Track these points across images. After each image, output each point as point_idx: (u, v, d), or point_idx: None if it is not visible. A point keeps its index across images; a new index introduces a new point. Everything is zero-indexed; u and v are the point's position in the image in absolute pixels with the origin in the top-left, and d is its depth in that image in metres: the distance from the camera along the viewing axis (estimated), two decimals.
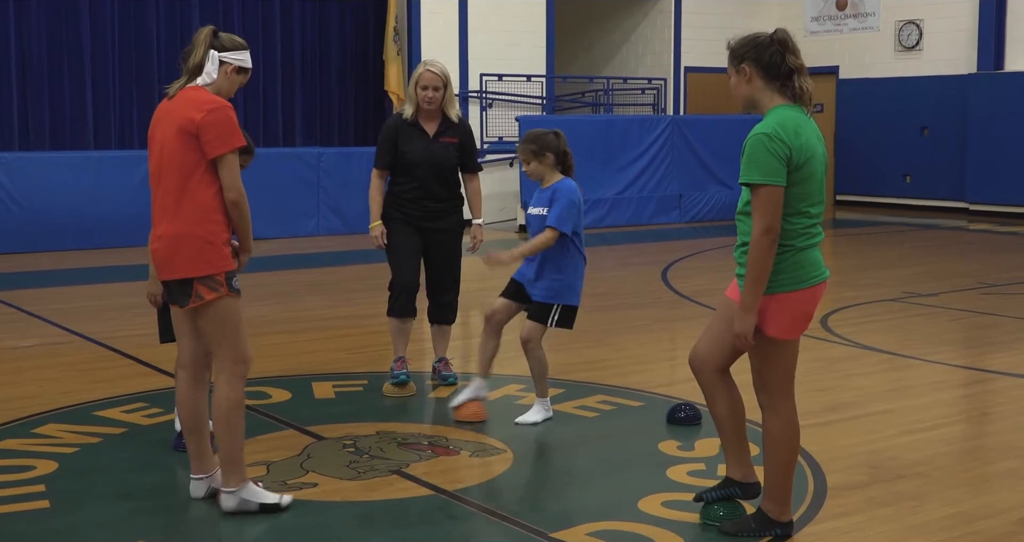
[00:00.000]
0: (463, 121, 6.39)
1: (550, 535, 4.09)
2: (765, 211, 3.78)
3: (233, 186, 4.24)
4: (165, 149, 4.27)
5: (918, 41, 18.65)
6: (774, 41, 3.91)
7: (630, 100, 19.26)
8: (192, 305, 4.26)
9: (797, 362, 4.07)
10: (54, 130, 15.08)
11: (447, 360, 6.56)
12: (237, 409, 4.32)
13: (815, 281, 3.92)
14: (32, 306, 9.33)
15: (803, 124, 3.89)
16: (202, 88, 4.35)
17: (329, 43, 17.00)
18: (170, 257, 4.26)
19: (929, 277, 11.16)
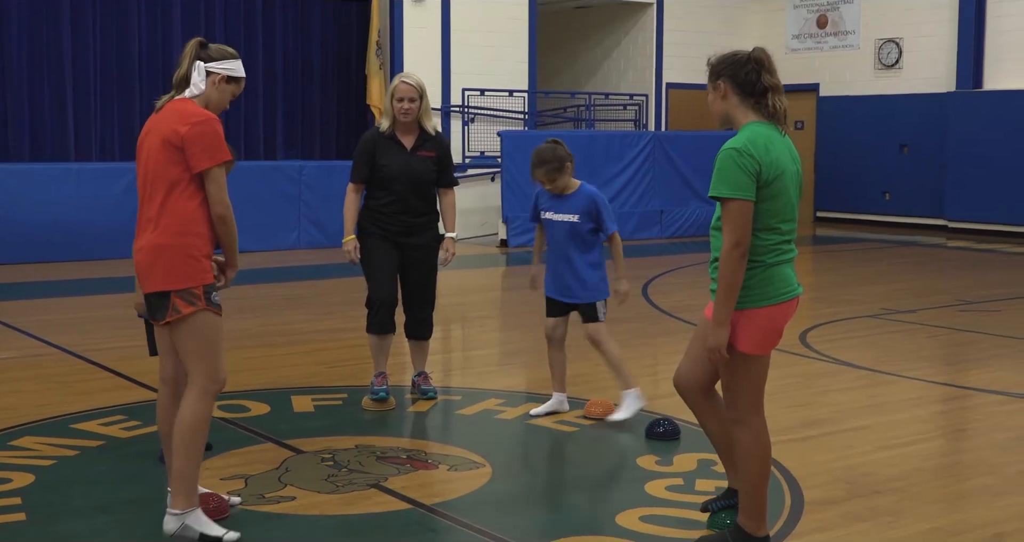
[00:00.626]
0: (440, 135, 6.38)
1: None
2: (734, 225, 3.82)
3: (220, 200, 4.19)
4: (150, 161, 4.22)
5: (898, 59, 18.79)
6: (751, 59, 3.97)
7: (612, 116, 19.33)
8: (168, 319, 4.17)
9: (768, 377, 4.09)
10: (34, 142, 15.03)
11: (427, 374, 6.56)
12: (200, 430, 4.18)
13: (785, 297, 3.95)
14: (10, 318, 9.29)
15: (774, 141, 3.94)
16: (189, 100, 4.29)
17: (311, 56, 17.01)
18: (149, 269, 4.19)
19: (907, 294, 11.22)
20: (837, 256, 15.34)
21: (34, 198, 13.16)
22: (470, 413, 6.24)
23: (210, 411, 4.24)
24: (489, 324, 9.91)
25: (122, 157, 15.30)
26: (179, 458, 4.16)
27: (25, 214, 13.07)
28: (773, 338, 3.99)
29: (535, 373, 7.56)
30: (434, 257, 6.38)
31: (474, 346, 8.88)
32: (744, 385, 4.01)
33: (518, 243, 15.55)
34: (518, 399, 6.58)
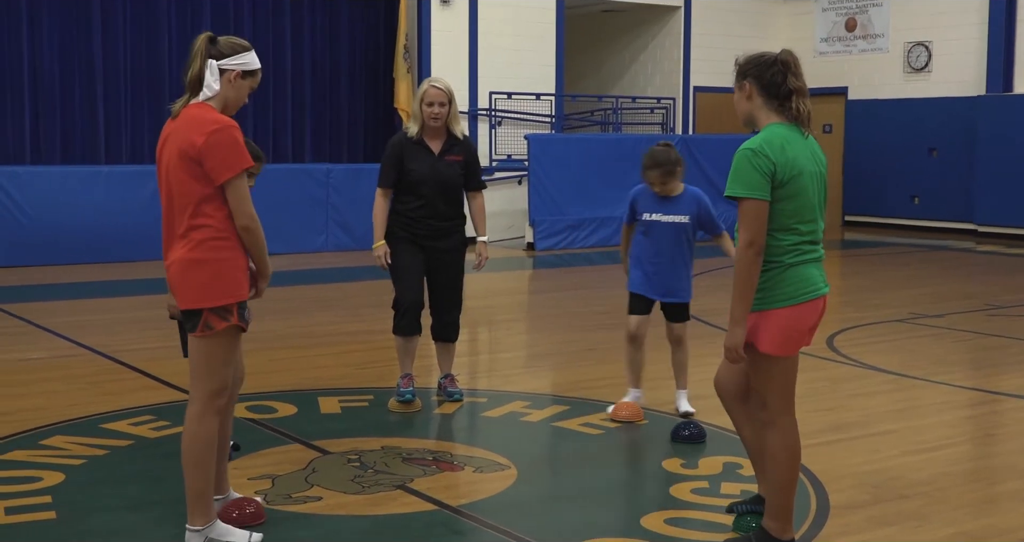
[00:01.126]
0: (467, 139, 6.40)
1: None
2: (748, 224, 3.86)
3: (243, 212, 3.99)
4: (171, 175, 4.04)
5: (927, 63, 18.70)
6: (777, 61, 4.00)
7: (639, 119, 19.32)
8: (200, 334, 4.04)
9: (796, 380, 4.08)
10: (65, 144, 15.16)
11: (453, 376, 6.58)
12: (210, 445, 4.08)
13: (806, 297, 3.94)
14: (41, 319, 9.38)
15: (793, 142, 3.95)
16: (205, 105, 4.09)
17: (339, 60, 17.08)
18: (181, 285, 4.03)
19: (936, 298, 11.16)
20: (865, 260, 15.27)
21: (64, 200, 13.28)
22: (496, 415, 6.26)
23: (216, 425, 4.12)
24: (516, 327, 9.93)
25: (152, 160, 15.29)
26: (193, 477, 4.06)
27: (56, 216, 13.19)
28: (796, 339, 3.97)
29: (561, 376, 7.58)
30: (461, 260, 6.39)
31: (500, 349, 8.90)
32: (771, 387, 4.02)
33: (545, 246, 15.56)
34: (544, 402, 6.59)
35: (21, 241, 13.01)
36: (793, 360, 4.04)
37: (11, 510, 4.54)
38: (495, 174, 16.74)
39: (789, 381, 4.04)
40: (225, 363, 4.10)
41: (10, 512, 4.52)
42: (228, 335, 4.07)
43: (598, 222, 16.10)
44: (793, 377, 4.06)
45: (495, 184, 16.72)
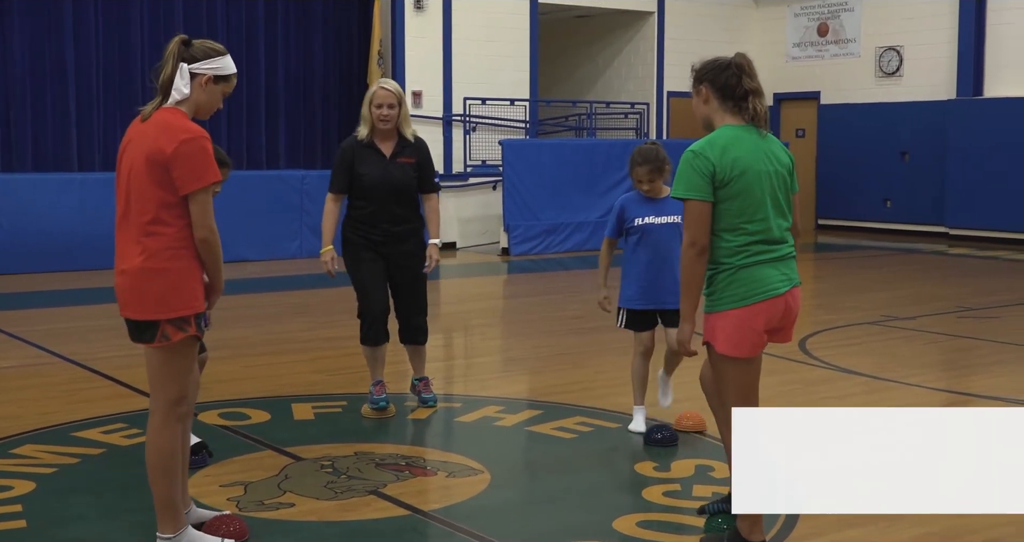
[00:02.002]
0: (420, 140, 6.30)
1: None
2: (690, 224, 3.99)
3: (203, 224, 3.93)
4: (133, 179, 3.99)
5: (898, 67, 18.83)
6: (732, 64, 4.13)
7: (613, 124, 19.38)
8: (157, 345, 3.97)
9: (768, 384, 4.12)
10: (37, 152, 15.06)
11: (428, 380, 6.55)
12: (174, 454, 4.04)
13: (758, 298, 3.99)
14: (12, 327, 9.32)
15: (740, 142, 4.03)
16: (178, 110, 4.03)
17: (313, 66, 17.06)
18: (137, 294, 3.96)
19: (908, 301, 11.24)
20: (838, 263, 15.36)
21: (37, 208, 13.21)
22: (470, 420, 6.27)
23: (179, 433, 4.08)
24: (490, 332, 9.94)
25: None
26: (161, 486, 4.02)
27: (28, 224, 13.11)
28: (750, 339, 4.01)
29: (535, 380, 7.60)
30: (421, 263, 6.28)
31: (475, 354, 8.90)
32: (729, 387, 4.09)
33: (519, 251, 15.58)
34: (518, 406, 6.60)
35: None
36: (751, 361, 4.08)
37: None
38: (469, 180, 16.75)
39: (748, 382, 4.09)
40: (184, 372, 4.05)
41: None
42: (186, 345, 4.02)
43: (573, 227, 16.14)
44: (752, 378, 4.11)
45: (470, 189, 16.74)
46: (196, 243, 3.97)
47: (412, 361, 6.55)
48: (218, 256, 4.03)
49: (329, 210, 6.24)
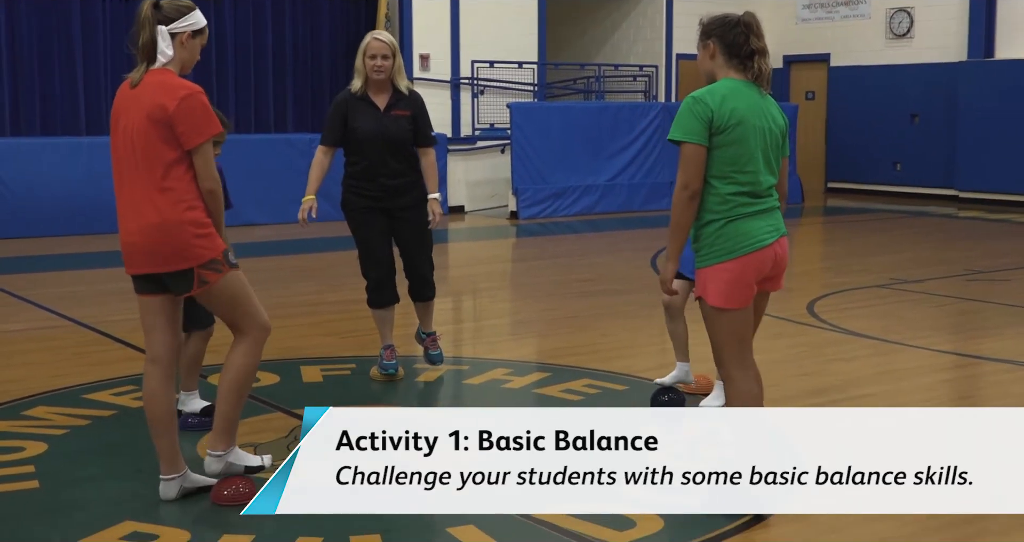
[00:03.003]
0: (414, 93, 6.21)
1: (534, 516, 4.14)
2: (685, 167, 4.10)
3: (209, 175, 4.14)
4: (137, 141, 4.13)
5: (909, 29, 18.70)
6: (740, 22, 4.21)
7: (622, 87, 19.30)
8: (197, 291, 4.19)
9: (751, 330, 4.23)
10: (45, 116, 15.07)
11: (436, 336, 6.46)
12: (252, 377, 4.37)
13: (746, 250, 4.11)
14: (23, 290, 9.37)
15: (739, 94, 4.14)
16: (167, 70, 4.19)
17: (320, 30, 17.00)
18: (158, 249, 4.13)
19: (916, 264, 11.23)
20: (847, 226, 15.33)
21: (45, 172, 13.23)
22: (478, 382, 6.29)
23: (260, 358, 4.37)
24: (499, 295, 9.96)
25: None
26: (231, 404, 4.30)
27: (37, 188, 13.14)
28: (741, 291, 4.12)
29: (544, 343, 7.62)
30: (423, 216, 6.20)
31: (483, 316, 8.92)
32: (722, 339, 4.18)
33: (528, 215, 15.57)
34: (526, 369, 6.63)
35: (2, 213, 12.96)
36: (743, 312, 4.17)
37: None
38: (478, 143, 16.71)
39: (738, 333, 4.18)
40: (249, 300, 4.29)
41: None
42: (234, 279, 4.24)
43: (581, 190, 16.11)
44: (745, 330, 4.20)
45: (478, 153, 16.70)
46: (202, 194, 4.16)
47: (419, 315, 6.45)
48: (222, 206, 4.26)
49: (317, 161, 6.17)
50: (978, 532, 4.11)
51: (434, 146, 6.28)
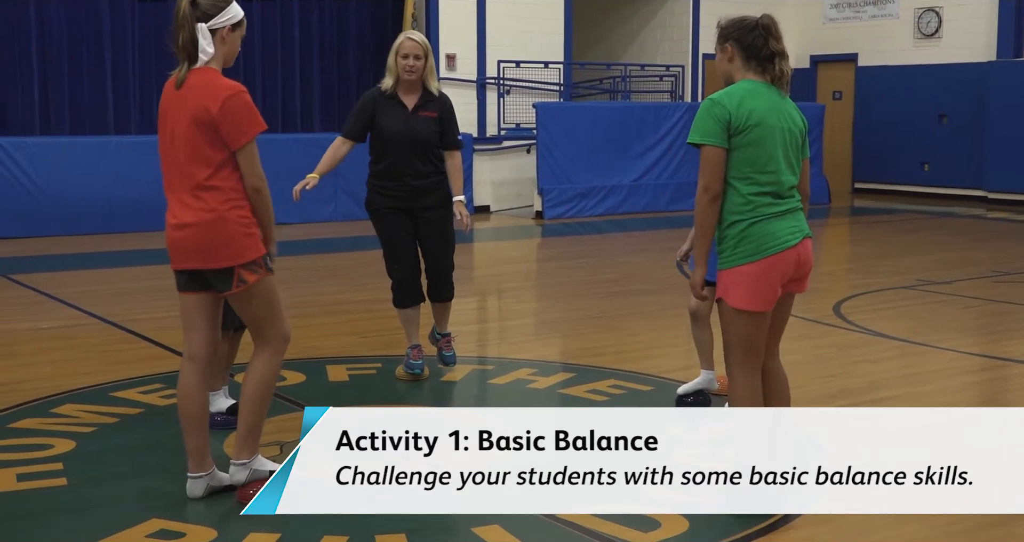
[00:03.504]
0: (443, 95, 6.22)
1: (558, 516, 4.14)
2: (705, 169, 4.12)
3: (254, 173, 4.17)
4: (180, 143, 4.17)
5: (937, 28, 18.59)
6: (759, 25, 4.23)
7: (648, 87, 19.26)
8: (235, 291, 4.21)
9: (765, 337, 4.23)
10: (74, 115, 15.18)
11: (451, 337, 6.47)
12: (273, 386, 4.39)
13: (769, 252, 4.11)
14: (51, 288, 9.43)
15: (757, 96, 4.15)
16: (210, 69, 4.19)
17: (347, 29, 17.04)
18: (202, 245, 4.17)
19: (944, 265, 11.16)
20: (873, 227, 15.25)
21: (73, 171, 13.32)
22: (503, 382, 6.30)
23: (280, 367, 4.40)
24: (524, 295, 9.96)
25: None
26: (253, 414, 4.33)
27: (65, 187, 13.24)
28: (764, 293, 4.13)
29: (569, 343, 7.62)
30: (446, 217, 6.23)
31: (508, 316, 8.93)
32: (736, 340, 4.19)
33: (553, 215, 15.56)
34: (551, 369, 6.63)
35: (30, 212, 13.06)
36: (762, 317, 4.18)
37: (23, 477, 4.61)
38: (503, 143, 16.72)
39: (755, 336, 4.19)
40: (278, 308, 4.31)
41: (22, 479, 4.59)
42: (268, 284, 4.27)
43: (607, 190, 16.10)
44: (760, 334, 4.20)
45: (503, 153, 16.71)
46: (248, 192, 4.19)
47: (436, 316, 6.45)
48: (270, 205, 4.25)
49: (333, 147, 6.16)
50: (1005, 535, 4.09)
51: (460, 149, 6.30)
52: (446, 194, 6.22)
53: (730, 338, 4.21)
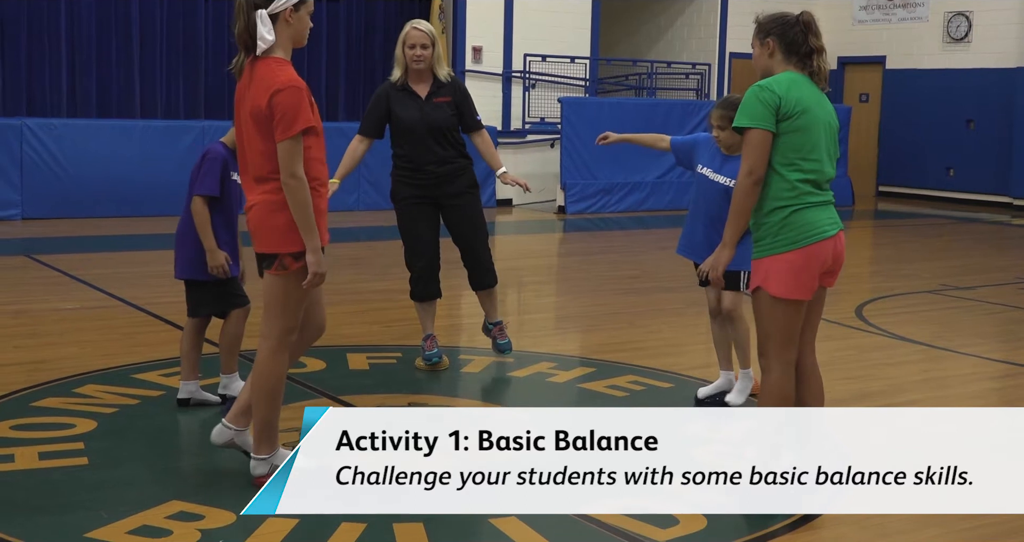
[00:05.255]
0: (455, 79, 6.23)
1: (579, 511, 4.14)
2: (750, 153, 4.12)
3: (287, 169, 4.07)
4: (246, 133, 4.18)
5: (967, 33, 18.48)
6: (800, 22, 4.26)
7: (674, 84, 19.22)
8: (275, 272, 4.19)
9: (825, 349, 4.16)
10: (101, 99, 15.24)
11: (502, 325, 6.44)
12: (282, 380, 4.32)
13: (811, 240, 4.12)
14: (76, 270, 9.48)
15: (802, 85, 4.19)
16: (270, 59, 4.14)
17: (374, 20, 17.06)
18: (257, 231, 4.19)
19: (967, 270, 11.11)
20: (898, 231, 15.19)
21: (100, 154, 13.36)
22: (523, 375, 6.30)
23: (287, 361, 4.33)
24: (544, 289, 9.96)
25: (187, 115, 15.49)
26: (267, 410, 4.28)
27: (91, 169, 13.28)
28: (805, 281, 4.13)
29: (589, 338, 7.62)
30: (474, 202, 6.23)
31: (528, 310, 8.93)
32: (773, 330, 4.18)
33: (576, 210, 15.55)
34: (571, 363, 6.63)
35: (56, 193, 13.12)
36: (800, 306, 4.17)
37: (45, 455, 4.64)
38: (528, 137, 16.71)
39: (790, 326, 4.18)
40: (299, 302, 4.26)
41: (44, 457, 4.62)
42: (301, 275, 4.21)
43: (630, 187, 16.07)
44: (797, 324, 4.20)
45: (528, 147, 16.71)
46: (283, 186, 4.10)
47: (484, 305, 6.42)
48: (299, 203, 4.11)
49: (351, 148, 6.17)
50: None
51: (483, 128, 6.27)
52: (471, 180, 6.23)
53: (768, 329, 4.20)
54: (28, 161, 13.03)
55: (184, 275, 5.37)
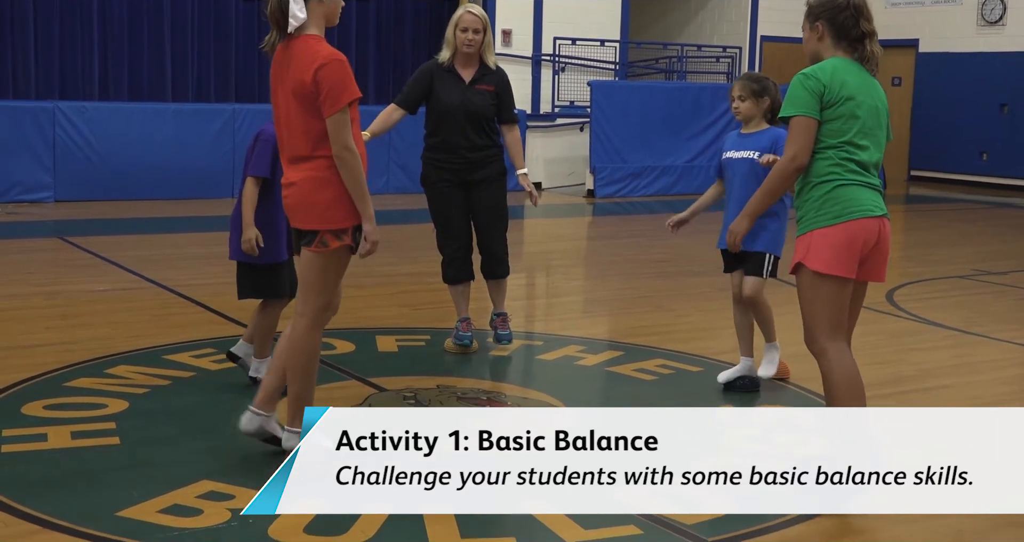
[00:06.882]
0: (500, 70, 6.24)
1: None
2: (795, 138, 4.10)
3: (338, 140, 4.08)
4: (285, 115, 4.17)
5: (1001, 16, 18.29)
6: (850, 5, 4.21)
7: (704, 68, 19.11)
8: (314, 250, 4.20)
9: (856, 333, 4.12)
10: (132, 82, 15.31)
11: (506, 316, 6.47)
12: (316, 357, 4.35)
13: (855, 216, 4.06)
14: (108, 252, 9.55)
15: (849, 72, 4.15)
16: (309, 37, 4.13)
17: (404, 4, 17.04)
18: (304, 205, 4.17)
19: (1000, 256, 11.02)
20: (930, 215, 15.08)
21: (131, 137, 13.44)
22: (551, 358, 6.31)
23: (321, 338, 4.36)
24: (573, 273, 9.96)
25: (217, 98, 15.53)
26: (295, 382, 4.32)
27: (122, 152, 13.36)
28: (846, 257, 4.06)
29: (617, 322, 7.61)
30: (501, 190, 6.25)
31: (557, 293, 8.93)
32: (819, 310, 4.11)
33: (605, 193, 15.52)
34: (599, 346, 6.63)
35: (88, 176, 13.20)
36: (845, 284, 4.10)
37: (77, 434, 4.69)
38: (557, 120, 16.68)
39: (837, 304, 4.11)
40: (336, 280, 4.30)
41: (76, 436, 4.66)
42: (341, 253, 4.24)
43: (659, 171, 16.02)
44: (843, 303, 4.13)
45: (557, 130, 16.67)
46: (335, 160, 4.11)
47: (492, 295, 6.46)
48: (356, 176, 4.13)
49: (386, 112, 6.16)
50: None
51: (516, 123, 6.30)
52: (502, 167, 6.24)
53: (814, 308, 4.11)
54: (61, 144, 13.12)
55: (236, 256, 5.36)
